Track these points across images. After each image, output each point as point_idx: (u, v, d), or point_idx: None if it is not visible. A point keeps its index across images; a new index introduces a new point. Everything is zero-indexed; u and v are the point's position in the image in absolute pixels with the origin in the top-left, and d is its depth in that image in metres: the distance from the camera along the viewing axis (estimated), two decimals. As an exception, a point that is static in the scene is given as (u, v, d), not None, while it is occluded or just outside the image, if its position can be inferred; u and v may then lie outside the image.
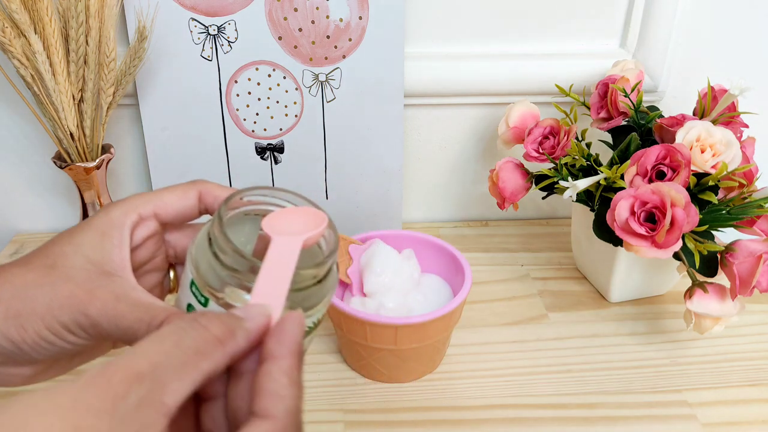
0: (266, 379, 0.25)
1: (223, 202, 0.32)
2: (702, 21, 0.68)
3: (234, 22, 0.62)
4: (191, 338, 0.24)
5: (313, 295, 0.32)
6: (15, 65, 0.55)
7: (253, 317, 0.26)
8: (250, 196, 0.34)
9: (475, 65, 0.68)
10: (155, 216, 0.32)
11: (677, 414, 0.51)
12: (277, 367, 0.25)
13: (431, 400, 0.52)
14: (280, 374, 0.25)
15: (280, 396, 0.24)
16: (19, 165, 0.71)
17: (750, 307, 0.62)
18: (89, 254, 0.30)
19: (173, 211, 0.32)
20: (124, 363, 0.22)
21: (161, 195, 0.32)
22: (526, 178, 0.62)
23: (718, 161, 0.53)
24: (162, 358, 0.23)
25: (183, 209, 0.33)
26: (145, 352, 0.23)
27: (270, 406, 0.24)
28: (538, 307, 0.63)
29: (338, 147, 0.68)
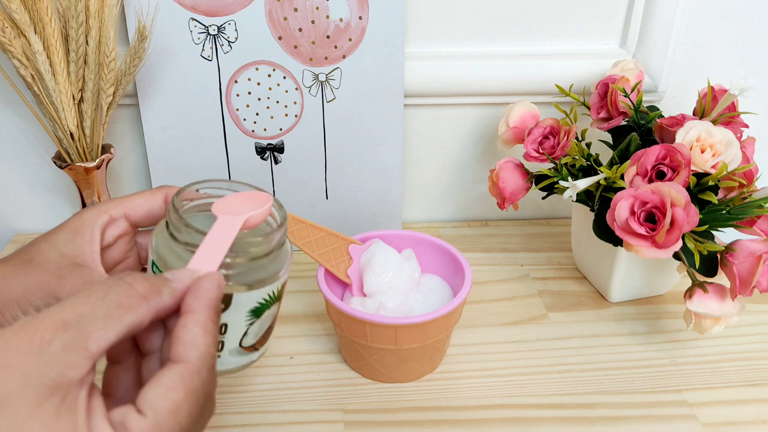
0: (182, 331, 0.27)
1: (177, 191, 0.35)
2: (702, 21, 0.68)
3: (234, 22, 0.62)
4: (116, 293, 0.26)
5: (264, 269, 0.36)
6: (15, 65, 0.55)
7: (181, 279, 0.29)
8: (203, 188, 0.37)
9: (475, 65, 0.68)
10: (125, 217, 0.35)
11: (677, 414, 0.51)
12: (192, 320, 0.28)
13: (431, 400, 0.52)
14: (194, 325, 0.28)
15: (194, 344, 0.27)
16: (19, 165, 0.71)
17: (750, 307, 0.62)
18: (62, 249, 0.32)
19: (142, 212, 0.35)
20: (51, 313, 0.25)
21: (131, 198, 0.35)
22: (526, 178, 0.62)
23: (718, 161, 0.53)
24: (87, 309, 0.25)
25: (151, 210, 0.35)
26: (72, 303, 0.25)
27: (183, 352, 0.27)
28: (538, 307, 0.63)
29: (338, 147, 0.68)
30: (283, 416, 0.51)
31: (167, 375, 0.26)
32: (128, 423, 0.25)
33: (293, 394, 0.53)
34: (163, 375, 0.26)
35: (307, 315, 0.61)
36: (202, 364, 0.27)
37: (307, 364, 0.56)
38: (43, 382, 0.23)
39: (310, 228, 0.53)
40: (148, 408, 0.25)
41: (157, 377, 0.26)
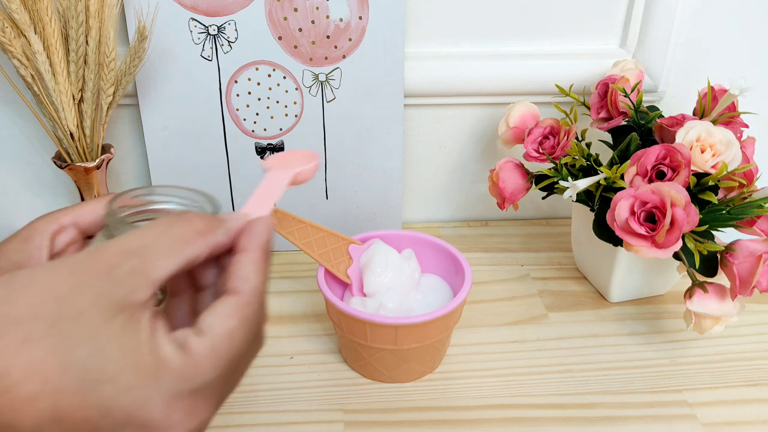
0: (237, 266, 0.30)
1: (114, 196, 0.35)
2: (702, 21, 0.68)
3: (234, 22, 0.62)
4: (177, 228, 0.29)
5: None
6: (15, 65, 0.55)
7: (234, 219, 0.32)
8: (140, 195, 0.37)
9: (475, 65, 0.68)
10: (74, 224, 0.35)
11: (677, 414, 0.51)
12: (246, 257, 0.30)
13: (431, 400, 0.52)
14: (248, 262, 0.30)
15: (247, 278, 0.29)
16: (19, 165, 0.71)
17: (750, 307, 0.62)
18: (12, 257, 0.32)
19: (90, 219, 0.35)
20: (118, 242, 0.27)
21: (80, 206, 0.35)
22: (526, 178, 0.62)
23: (718, 161, 0.53)
24: (150, 240, 0.28)
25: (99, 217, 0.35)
26: (137, 235, 0.28)
27: (238, 284, 0.29)
28: (538, 307, 0.63)
29: (338, 147, 0.68)
30: (283, 416, 0.51)
31: (223, 303, 0.29)
32: (188, 343, 0.27)
33: (293, 394, 0.53)
34: (220, 304, 0.29)
35: (307, 315, 0.61)
36: (255, 298, 0.29)
37: (307, 364, 0.56)
38: (110, 301, 0.25)
39: (310, 228, 0.53)
40: (207, 330, 0.27)
41: (213, 306, 0.29)
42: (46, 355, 0.24)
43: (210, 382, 0.27)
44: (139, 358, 0.25)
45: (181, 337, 0.27)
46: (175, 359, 0.26)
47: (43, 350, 0.24)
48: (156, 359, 0.26)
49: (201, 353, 0.27)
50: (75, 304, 0.25)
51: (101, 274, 0.26)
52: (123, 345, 0.25)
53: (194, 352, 0.27)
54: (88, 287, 0.25)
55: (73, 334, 0.24)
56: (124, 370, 0.25)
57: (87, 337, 0.24)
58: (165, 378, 0.26)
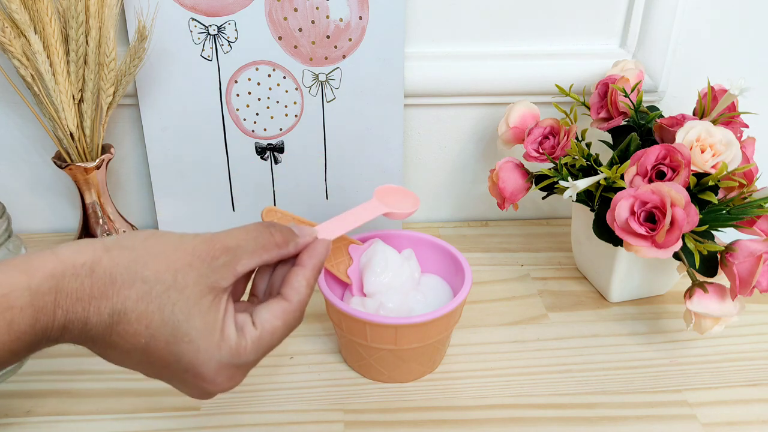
0: (294, 278, 0.38)
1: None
2: (702, 21, 0.68)
3: (234, 22, 0.62)
4: (263, 238, 0.37)
5: None
6: (15, 65, 0.55)
7: (304, 236, 0.40)
8: None
9: (475, 65, 0.68)
10: None
11: (677, 414, 0.51)
12: (302, 273, 0.38)
13: (431, 400, 0.52)
14: (303, 278, 0.38)
15: (298, 291, 0.38)
16: (19, 165, 0.71)
17: (750, 307, 0.62)
18: None
19: None
20: (222, 238, 0.36)
21: None
22: (526, 178, 0.62)
23: (718, 161, 0.53)
24: (243, 243, 0.36)
25: None
26: (236, 236, 0.36)
27: (290, 294, 0.38)
28: (538, 307, 0.63)
29: (338, 147, 0.68)
30: (283, 416, 0.51)
31: (276, 306, 0.37)
32: (245, 328, 0.35)
33: (293, 394, 0.53)
34: (273, 304, 0.37)
35: (307, 315, 0.61)
36: (299, 307, 0.38)
37: (307, 364, 0.56)
38: (206, 283, 0.34)
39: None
40: (258, 324, 0.36)
41: (269, 305, 0.37)
42: (155, 309, 0.32)
43: (249, 361, 0.36)
44: (213, 332, 0.34)
45: (241, 321, 0.36)
46: (233, 339, 0.35)
47: (154, 305, 0.32)
48: (222, 335, 0.34)
49: (250, 340, 0.35)
50: (184, 279, 0.33)
51: (206, 260, 0.34)
52: (205, 319, 0.34)
53: (247, 337, 0.35)
54: (195, 268, 0.34)
55: (177, 301, 0.33)
56: (201, 337, 0.33)
57: (185, 306, 0.33)
58: (223, 350, 0.34)
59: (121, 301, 0.32)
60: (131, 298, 0.32)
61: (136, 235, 0.35)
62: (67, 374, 0.54)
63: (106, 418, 0.50)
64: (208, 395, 0.36)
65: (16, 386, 0.53)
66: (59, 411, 0.51)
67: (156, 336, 0.33)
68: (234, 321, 0.35)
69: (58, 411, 0.51)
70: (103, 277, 0.32)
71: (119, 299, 0.32)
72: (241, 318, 0.36)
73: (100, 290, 0.31)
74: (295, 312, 0.38)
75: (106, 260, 0.32)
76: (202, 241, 0.35)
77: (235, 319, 0.35)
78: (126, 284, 0.32)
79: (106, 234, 0.65)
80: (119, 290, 0.32)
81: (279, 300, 0.37)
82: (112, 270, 0.32)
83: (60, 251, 0.32)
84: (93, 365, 0.54)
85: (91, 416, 0.51)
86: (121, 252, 0.33)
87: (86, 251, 0.32)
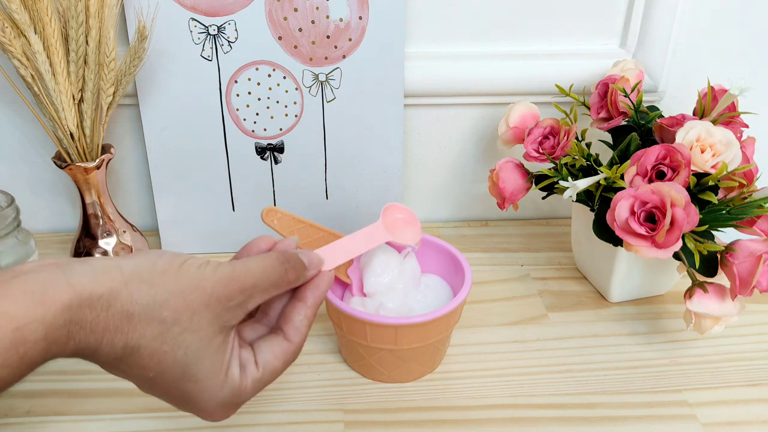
0: (294, 315, 0.39)
1: None
2: (702, 21, 0.68)
3: (234, 22, 0.62)
4: (278, 275, 0.37)
5: None
6: (15, 65, 0.55)
7: (311, 268, 0.40)
8: None
9: (475, 65, 0.68)
10: None
11: (677, 414, 0.51)
12: (303, 310, 0.39)
13: (431, 400, 0.52)
14: (304, 315, 0.39)
15: (299, 330, 0.39)
16: (19, 165, 0.71)
17: (750, 307, 0.62)
18: None
19: None
20: (241, 277, 0.35)
21: None
22: (526, 178, 0.62)
23: (718, 161, 0.53)
24: (259, 281, 0.36)
25: None
26: (254, 273, 0.36)
27: (291, 334, 0.38)
28: (538, 307, 0.63)
29: (338, 147, 0.68)
30: (283, 416, 0.51)
31: (277, 347, 0.38)
32: (247, 368, 0.36)
33: (293, 394, 0.53)
34: (275, 345, 0.38)
35: (307, 315, 0.61)
36: (299, 347, 0.39)
37: (307, 364, 0.56)
38: (219, 323, 0.34)
39: (310, 228, 0.53)
40: (261, 365, 0.37)
41: (271, 344, 0.38)
42: (168, 350, 0.33)
43: (245, 399, 0.37)
44: (219, 372, 0.35)
45: (244, 359, 0.37)
46: (236, 379, 0.36)
47: (168, 346, 0.33)
48: (226, 375, 0.35)
49: (252, 380, 0.36)
50: (200, 321, 0.33)
51: (222, 301, 0.34)
52: (213, 360, 0.34)
53: (249, 377, 0.36)
54: (212, 309, 0.34)
55: (190, 343, 0.33)
56: (207, 378, 0.34)
57: (197, 348, 0.34)
58: (225, 390, 0.35)
59: (136, 337, 0.32)
60: (146, 337, 0.32)
61: (154, 266, 0.34)
62: (67, 374, 0.54)
63: (106, 418, 0.50)
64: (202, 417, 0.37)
65: (16, 386, 0.53)
66: (59, 411, 0.51)
67: (165, 372, 0.33)
68: (238, 360, 0.36)
69: (58, 411, 0.51)
70: (120, 312, 0.31)
71: (134, 335, 0.32)
72: (245, 355, 0.37)
73: (115, 324, 0.31)
74: (295, 352, 0.39)
75: (124, 295, 0.32)
76: (220, 281, 0.35)
77: (239, 357, 0.36)
78: (143, 322, 0.32)
79: (106, 234, 0.65)
80: (135, 326, 0.32)
81: (281, 340, 0.38)
82: (129, 306, 0.31)
83: (75, 280, 0.31)
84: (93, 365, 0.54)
85: (91, 416, 0.51)
86: (140, 287, 0.32)
87: (103, 282, 0.31)
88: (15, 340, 0.28)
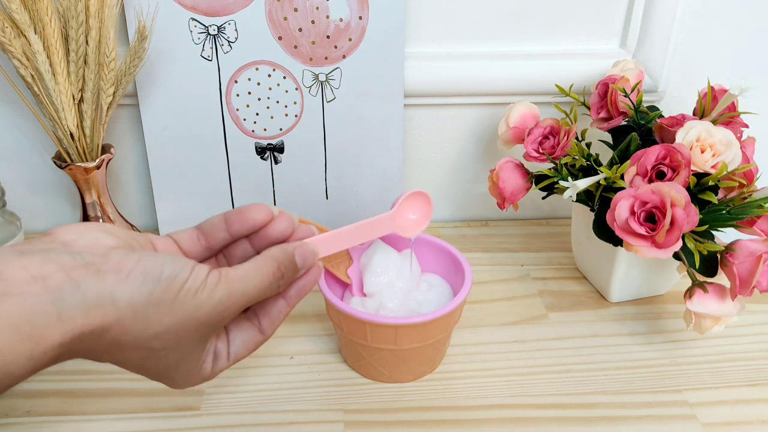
0: (274, 310, 0.38)
1: None
2: (702, 21, 0.68)
3: (234, 22, 0.62)
4: (271, 288, 0.36)
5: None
6: (15, 65, 0.55)
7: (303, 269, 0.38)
8: None
9: (475, 65, 0.68)
10: None
11: (677, 414, 0.51)
12: (284, 308, 0.38)
13: (431, 400, 0.52)
14: (283, 312, 0.38)
15: (274, 323, 0.38)
16: (19, 165, 0.71)
17: (750, 307, 0.62)
18: None
19: None
20: (237, 301, 0.34)
21: None
22: (526, 178, 0.62)
23: (718, 161, 0.53)
24: (257, 289, 0.35)
25: None
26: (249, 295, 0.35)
27: (267, 327, 0.38)
28: (538, 307, 0.63)
29: (338, 147, 0.68)
30: (283, 416, 0.51)
31: (251, 337, 0.38)
32: (218, 360, 0.37)
33: (293, 394, 0.53)
34: (249, 338, 0.38)
35: (307, 315, 0.61)
36: (269, 338, 0.39)
37: (307, 364, 0.56)
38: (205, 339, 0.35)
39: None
40: (233, 356, 0.37)
41: (247, 332, 0.38)
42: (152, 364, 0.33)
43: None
44: (194, 371, 0.36)
45: (219, 350, 0.37)
46: (207, 370, 0.36)
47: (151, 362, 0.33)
48: (199, 370, 0.36)
49: (219, 369, 0.37)
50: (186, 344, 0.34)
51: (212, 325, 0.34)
52: (191, 364, 0.35)
53: (218, 367, 0.37)
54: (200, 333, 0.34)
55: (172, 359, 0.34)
56: (183, 377, 0.35)
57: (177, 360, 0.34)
58: (196, 380, 0.36)
59: (122, 358, 0.33)
60: (133, 358, 0.33)
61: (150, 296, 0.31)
62: (67, 374, 0.54)
63: (106, 418, 0.50)
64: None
65: (16, 386, 0.53)
66: (59, 411, 0.51)
67: (145, 371, 0.34)
68: (213, 353, 0.36)
69: (58, 411, 0.51)
70: (110, 341, 0.31)
71: (122, 357, 0.32)
72: (220, 347, 0.37)
73: (104, 349, 0.31)
74: (264, 342, 0.39)
75: (116, 329, 0.30)
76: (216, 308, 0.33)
77: (214, 350, 0.37)
78: (132, 349, 0.32)
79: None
80: (123, 352, 0.32)
81: (256, 332, 0.38)
82: (120, 338, 0.31)
83: (65, 314, 0.28)
84: (93, 365, 0.54)
85: (91, 416, 0.51)
86: (134, 322, 0.31)
87: (95, 317, 0.29)
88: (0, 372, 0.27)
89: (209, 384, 0.53)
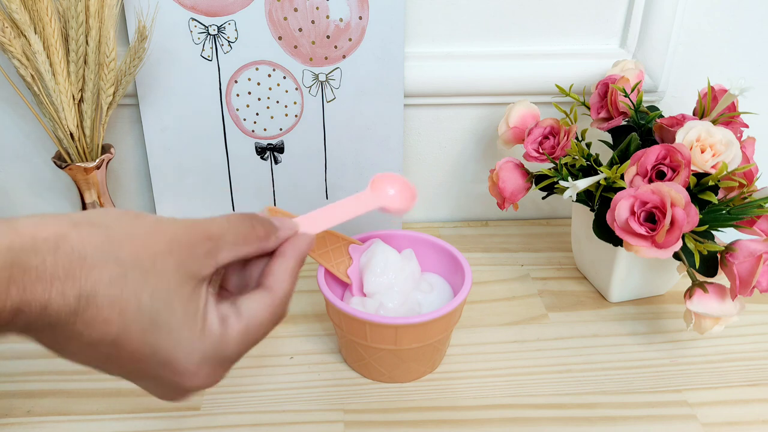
0: (276, 267, 0.36)
1: None
2: (702, 21, 0.68)
3: (234, 22, 0.62)
4: (245, 229, 0.35)
5: None
6: (15, 65, 0.55)
7: (285, 229, 0.38)
8: None
9: (475, 65, 0.68)
10: None
11: (677, 414, 0.51)
12: (285, 262, 0.37)
13: (431, 400, 0.52)
14: (285, 267, 0.36)
15: (281, 279, 0.36)
16: (19, 165, 0.71)
17: (750, 307, 0.62)
18: None
19: None
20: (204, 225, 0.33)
21: None
22: (526, 178, 0.62)
23: (718, 161, 0.53)
24: (225, 233, 0.34)
25: None
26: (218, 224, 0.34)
27: (274, 284, 0.36)
28: (538, 307, 0.63)
29: (338, 147, 0.68)
30: (283, 416, 0.51)
31: (260, 297, 0.35)
32: (228, 319, 0.33)
33: (293, 394, 0.53)
34: (257, 296, 0.35)
35: (307, 315, 0.61)
36: (284, 299, 0.36)
37: (307, 364, 0.56)
38: (186, 271, 0.31)
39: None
40: (245, 315, 0.34)
41: (253, 294, 0.35)
42: (130, 295, 0.29)
43: (233, 354, 0.33)
44: (194, 321, 0.31)
45: (224, 311, 0.33)
46: (216, 329, 0.32)
47: (129, 291, 0.29)
48: (203, 324, 0.32)
49: (236, 331, 0.33)
50: (163, 265, 0.30)
51: (186, 247, 0.32)
52: (186, 308, 0.31)
53: (231, 328, 0.33)
54: (175, 254, 0.31)
55: (155, 287, 0.30)
56: (182, 326, 0.31)
57: (164, 293, 0.30)
58: (207, 341, 0.32)
59: (90, 283, 0.28)
60: (103, 281, 0.28)
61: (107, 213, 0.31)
62: (67, 374, 0.54)
63: (106, 418, 0.50)
64: (183, 393, 0.33)
65: (16, 386, 0.53)
66: (59, 411, 0.51)
67: (130, 324, 0.29)
68: (216, 311, 0.33)
69: (58, 411, 0.51)
70: (69, 254, 0.27)
71: (88, 281, 0.28)
72: (224, 308, 0.34)
73: (65, 269, 0.27)
74: (281, 304, 0.36)
75: (73, 236, 0.28)
76: (183, 226, 0.32)
77: (217, 309, 0.33)
78: (97, 264, 0.28)
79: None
80: (89, 271, 0.28)
81: (262, 291, 0.35)
82: (80, 248, 0.28)
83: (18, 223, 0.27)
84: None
85: (91, 416, 0.51)
86: (91, 229, 0.29)
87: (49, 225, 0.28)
88: None
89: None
